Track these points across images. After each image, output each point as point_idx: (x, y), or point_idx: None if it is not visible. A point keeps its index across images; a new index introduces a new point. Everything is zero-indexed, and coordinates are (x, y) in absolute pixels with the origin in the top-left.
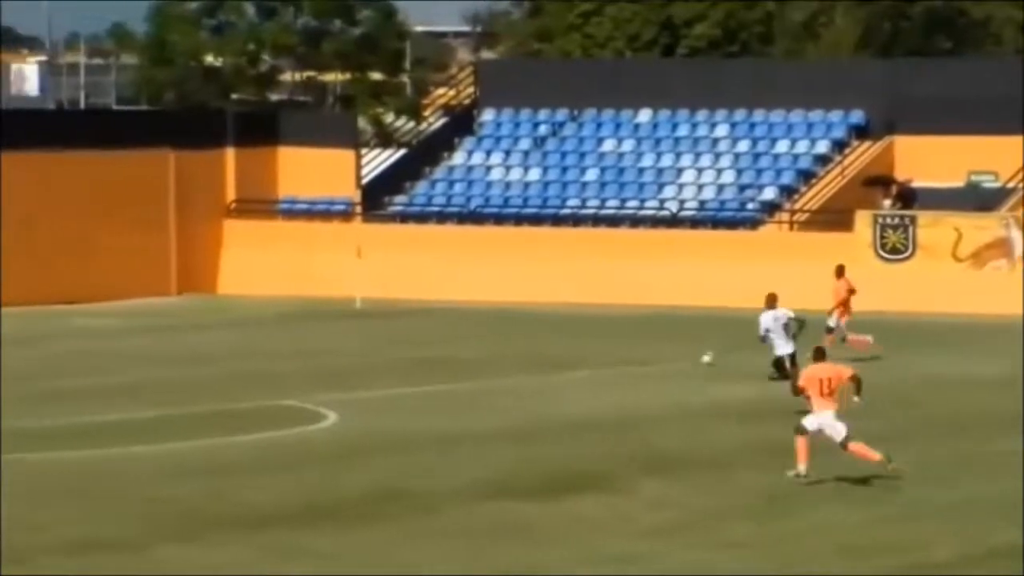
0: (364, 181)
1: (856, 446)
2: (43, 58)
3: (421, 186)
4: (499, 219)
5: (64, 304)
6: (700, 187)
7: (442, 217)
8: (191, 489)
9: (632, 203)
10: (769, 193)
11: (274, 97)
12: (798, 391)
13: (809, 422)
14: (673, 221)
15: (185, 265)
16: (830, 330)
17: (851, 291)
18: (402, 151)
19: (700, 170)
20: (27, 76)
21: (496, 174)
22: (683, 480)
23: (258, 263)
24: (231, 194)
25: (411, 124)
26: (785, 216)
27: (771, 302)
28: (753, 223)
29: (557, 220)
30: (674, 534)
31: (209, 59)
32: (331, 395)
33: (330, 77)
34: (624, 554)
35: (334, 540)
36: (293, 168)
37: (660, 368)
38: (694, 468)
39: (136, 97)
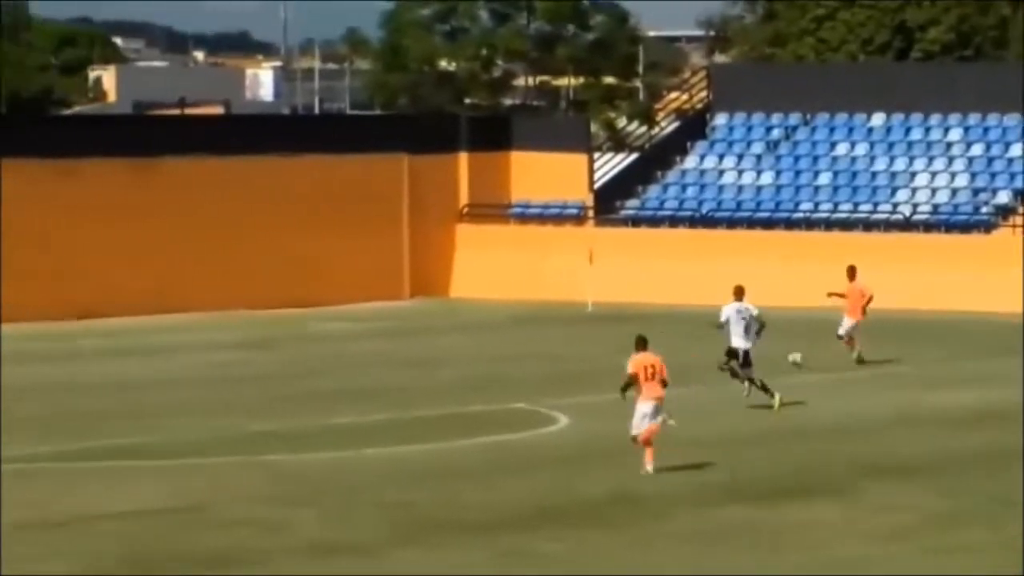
0: (596, 185)
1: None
2: (278, 64)
3: (653, 190)
4: (731, 223)
5: (299, 308)
6: (933, 191)
7: (674, 221)
8: (423, 493)
9: (865, 207)
10: (1003, 197)
11: (507, 102)
12: (629, 380)
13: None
14: (906, 225)
15: (418, 269)
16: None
17: (868, 297)
18: (634, 155)
19: (933, 174)
20: (262, 82)
21: (728, 178)
22: (911, 484)
23: (490, 267)
24: (464, 198)
25: (643, 128)
26: (1019, 220)
27: (738, 294)
28: (987, 227)
29: (789, 224)
30: (907, 538)
31: (443, 64)
32: (562, 399)
33: (563, 81)
34: (857, 558)
35: (566, 544)
36: (526, 172)
37: (889, 371)
38: (921, 472)
39: (370, 102)
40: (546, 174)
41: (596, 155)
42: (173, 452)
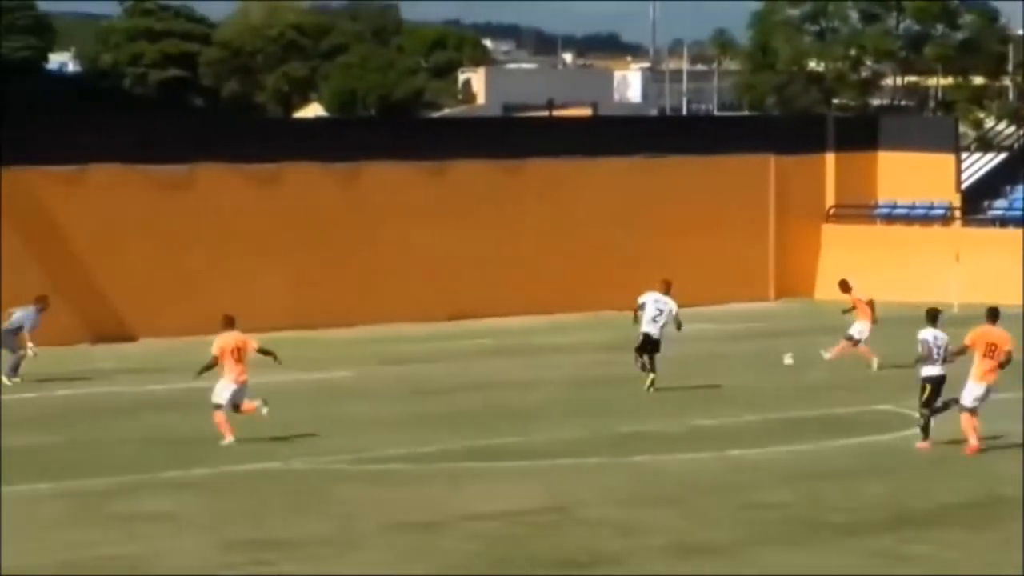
0: (964, 185)
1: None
2: (646, 65)
3: (1021, 190)
4: None
5: None
6: None
7: None
8: (790, 493)
9: None
10: None
11: (875, 102)
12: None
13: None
14: None
15: (783, 270)
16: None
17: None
18: (1003, 155)
19: None
20: (630, 83)
21: None
22: None
23: (856, 268)
24: (830, 199)
25: (1012, 128)
26: None
27: (665, 288)
28: None
29: None
30: None
31: (811, 65)
32: None
33: (932, 82)
34: None
35: (930, 546)
36: (893, 173)
37: None
38: None
39: (738, 103)
40: (913, 174)
41: (964, 155)
42: (539, 453)
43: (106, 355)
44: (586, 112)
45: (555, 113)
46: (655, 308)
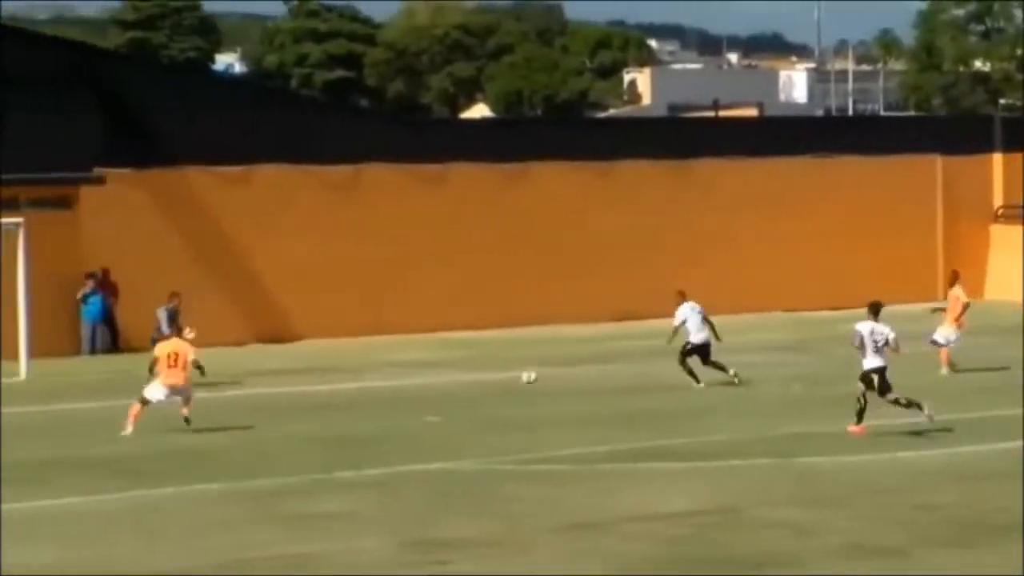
0: None
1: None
2: (811, 65)
3: None
4: None
5: (832, 310)
6: None
7: None
8: (952, 495)
9: None
10: None
11: None
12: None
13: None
14: None
15: (952, 271)
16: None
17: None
18: None
19: None
20: (796, 83)
21: None
22: None
23: None
24: (998, 199)
25: None
26: None
27: (682, 297)
28: None
29: None
30: None
31: (977, 64)
32: None
33: None
34: None
35: None
36: None
37: None
38: None
39: (903, 103)
40: None
41: None
42: (707, 454)
43: (273, 355)
44: (752, 112)
45: (721, 113)
46: (698, 316)
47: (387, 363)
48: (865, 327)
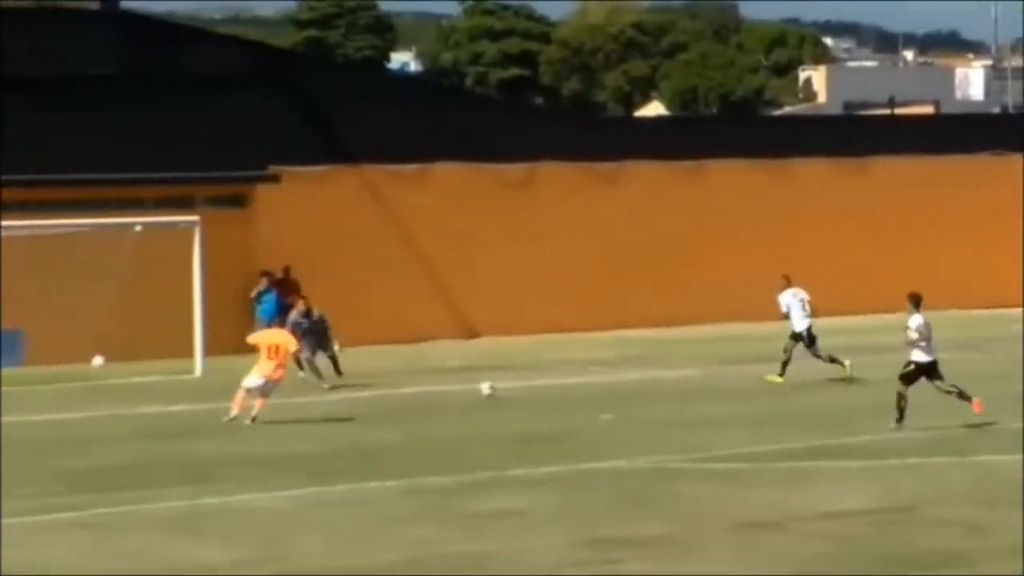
0: None
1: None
2: (988, 62)
3: None
4: None
5: (1009, 308)
6: None
7: None
8: None
9: None
10: None
11: None
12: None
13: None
14: None
15: None
16: None
17: None
18: None
19: None
20: (972, 80)
21: None
22: None
23: None
24: None
25: None
26: None
27: (787, 282)
28: None
29: None
30: None
31: None
32: None
33: None
34: None
35: None
36: None
37: None
38: None
39: None
40: None
41: None
42: (881, 452)
43: (451, 352)
44: (928, 110)
45: (896, 111)
46: (800, 303)
47: (563, 361)
48: (919, 320)
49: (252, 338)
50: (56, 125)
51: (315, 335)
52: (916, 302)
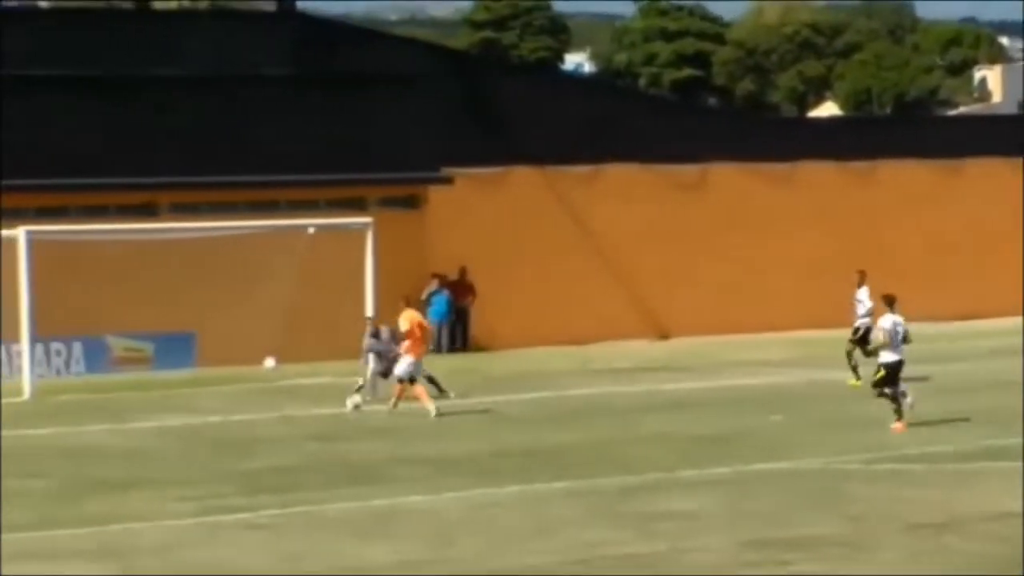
0: None
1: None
2: None
3: None
4: None
5: None
6: None
7: None
8: None
9: None
10: None
11: None
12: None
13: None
14: None
15: None
16: None
17: None
18: None
19: None
20: None
21: None
22: None
23: None
24: None
25: None
26: None
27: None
28: None
29: None
30: None
31: None
32: None
33: None
34: None
35: None
36: None
37: None
38: None
39: None
40: None
41: None
42: None
43: (624, 353)
44: None
45: None
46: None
47: (735, 363)
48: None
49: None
50: (231, 126)
51: (386, 358)
52: (890, 302)
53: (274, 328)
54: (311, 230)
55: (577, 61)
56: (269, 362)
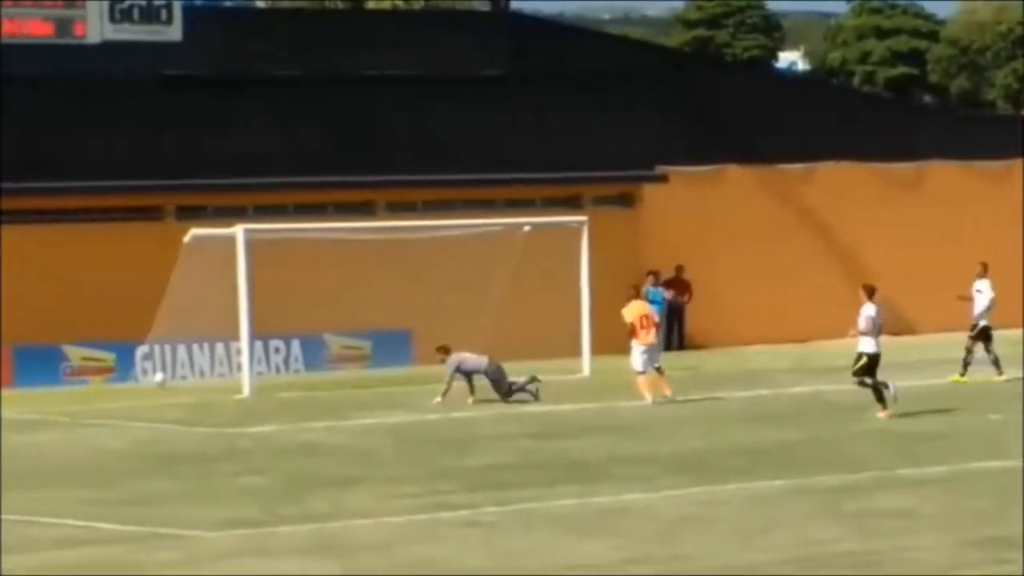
0: None
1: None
2: None
3: None
4: None
5: None
6: None
7: None
8: None
9: None
10: None
11: None
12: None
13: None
14: None
15: None
16: None
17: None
18: None
19: None
20: None
21: None
22: None
23: None
24: None
25: None
26: None
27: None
28: None
29: None
30: None
31: None
32: None
33: None
34: None
35: None
36: None
37: None
38: None
39: None
40: None
41: None
42: None
43: (841, 352)
44: None
45: None
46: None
47: (954, 360)
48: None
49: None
50: (447, 125)
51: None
52: (870, 292)
53: (489, 327)
54: (526, 228)
55: (791, 59)
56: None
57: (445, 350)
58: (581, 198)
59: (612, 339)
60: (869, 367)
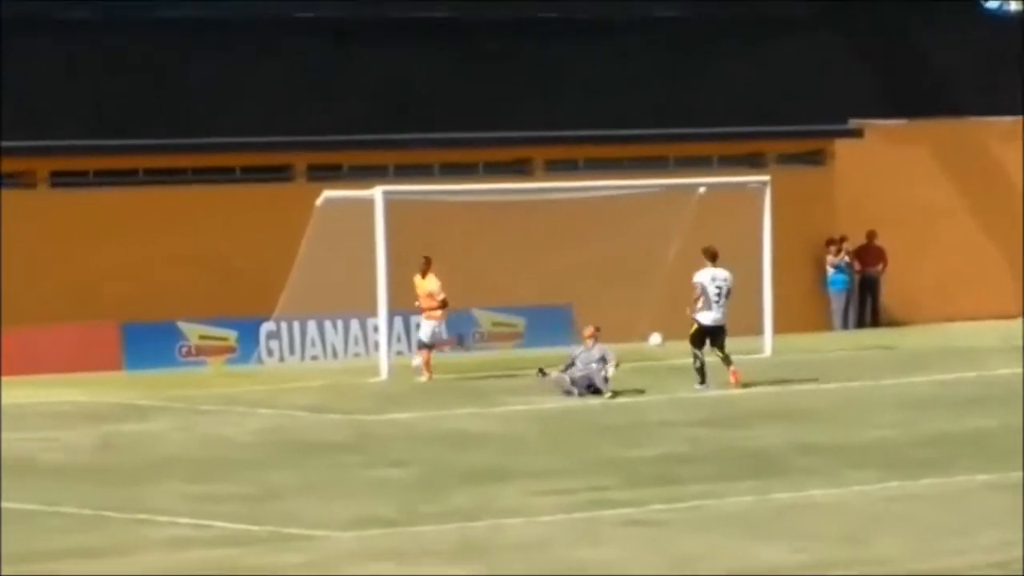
0: None
1: None
2: None
3: None
4: None
5: None
6: None
7: None
8: None
9: None
10: None
11: None
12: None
13: None
14: None
15: None
16: None
17: None
18: None
19: None
20: None
21: None
22: None
23: None
24: None
25: None
26: None
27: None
28: None
29: None
30: None
31: None
32: None
33: None
34: None
35: None
36: None
37: None
38: None
39: None
40: None
41: None
42: None
43: None
44: None
45: None
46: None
47: None
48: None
49: None
50: (616, 76)
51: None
52: (711, 256)
53: (659, 301)
54: (702, 190)
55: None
56: (655, 338)
57: (594, 333)
58: (764, 156)
59: (795, 316)
60: (699, 337)
